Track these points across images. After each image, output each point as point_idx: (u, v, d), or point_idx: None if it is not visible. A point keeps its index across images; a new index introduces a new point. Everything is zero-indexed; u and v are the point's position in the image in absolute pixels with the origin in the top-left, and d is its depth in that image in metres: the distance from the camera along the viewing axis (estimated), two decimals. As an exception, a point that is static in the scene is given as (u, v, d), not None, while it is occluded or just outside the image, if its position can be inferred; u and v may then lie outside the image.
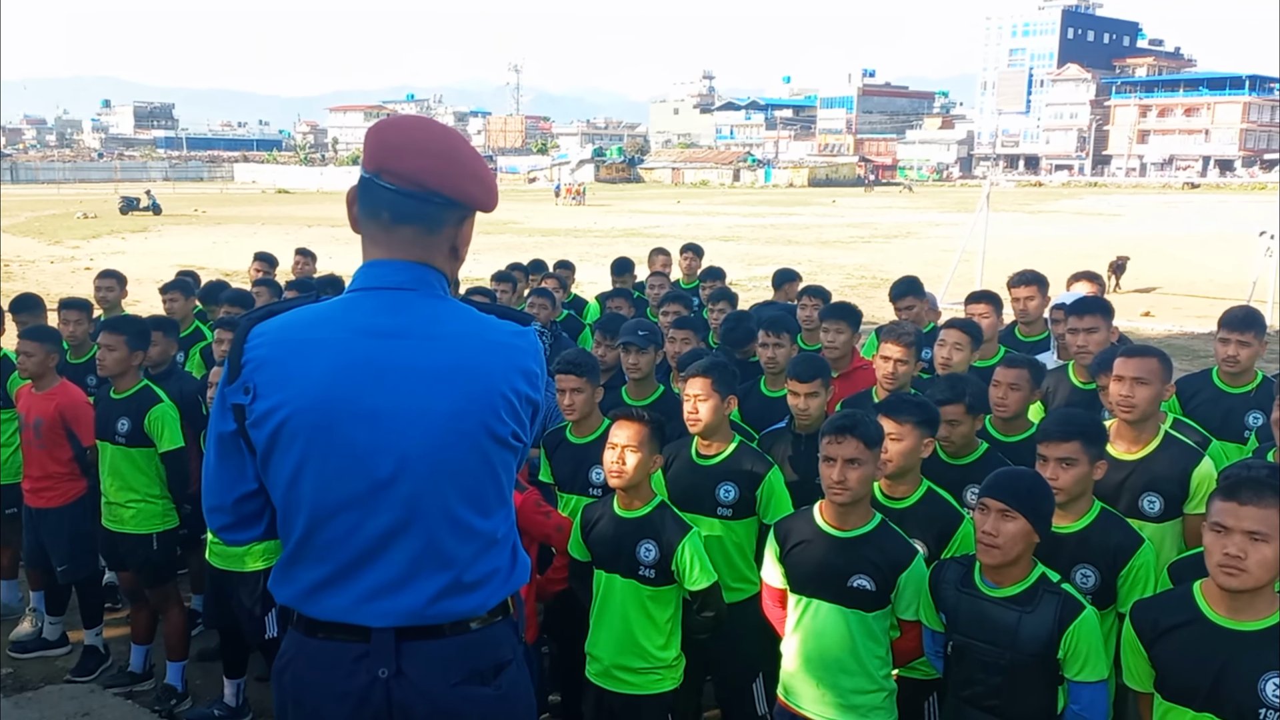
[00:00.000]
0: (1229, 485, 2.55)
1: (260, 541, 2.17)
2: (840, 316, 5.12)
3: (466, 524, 1.98)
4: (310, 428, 1.91)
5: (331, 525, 1.96)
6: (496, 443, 1.98)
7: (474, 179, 1.97)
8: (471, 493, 1.98)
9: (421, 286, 1.97)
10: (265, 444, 1.95)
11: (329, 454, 1.92)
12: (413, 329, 1.94)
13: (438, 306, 1.98)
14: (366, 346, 1.92)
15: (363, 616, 1.97)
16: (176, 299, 6.51)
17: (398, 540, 1.94)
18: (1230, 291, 16.80)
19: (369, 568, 1.95)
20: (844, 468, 3.09)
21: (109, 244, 28.34)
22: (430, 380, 1.92)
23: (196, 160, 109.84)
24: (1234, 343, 4.33)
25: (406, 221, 1.94)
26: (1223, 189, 77.31)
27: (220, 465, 2.03)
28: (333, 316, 1.98)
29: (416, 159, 1.91)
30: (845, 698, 3.15)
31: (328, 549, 1.97)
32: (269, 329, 1.97)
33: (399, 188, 1.92)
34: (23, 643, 5.27)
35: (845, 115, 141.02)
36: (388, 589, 1.95)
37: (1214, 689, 2.50)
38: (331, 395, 1.91)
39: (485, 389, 1.95)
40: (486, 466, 1.99)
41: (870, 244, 30.20)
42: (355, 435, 1.90)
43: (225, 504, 2.06)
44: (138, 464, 4.65)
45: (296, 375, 1.92)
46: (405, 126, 1.98)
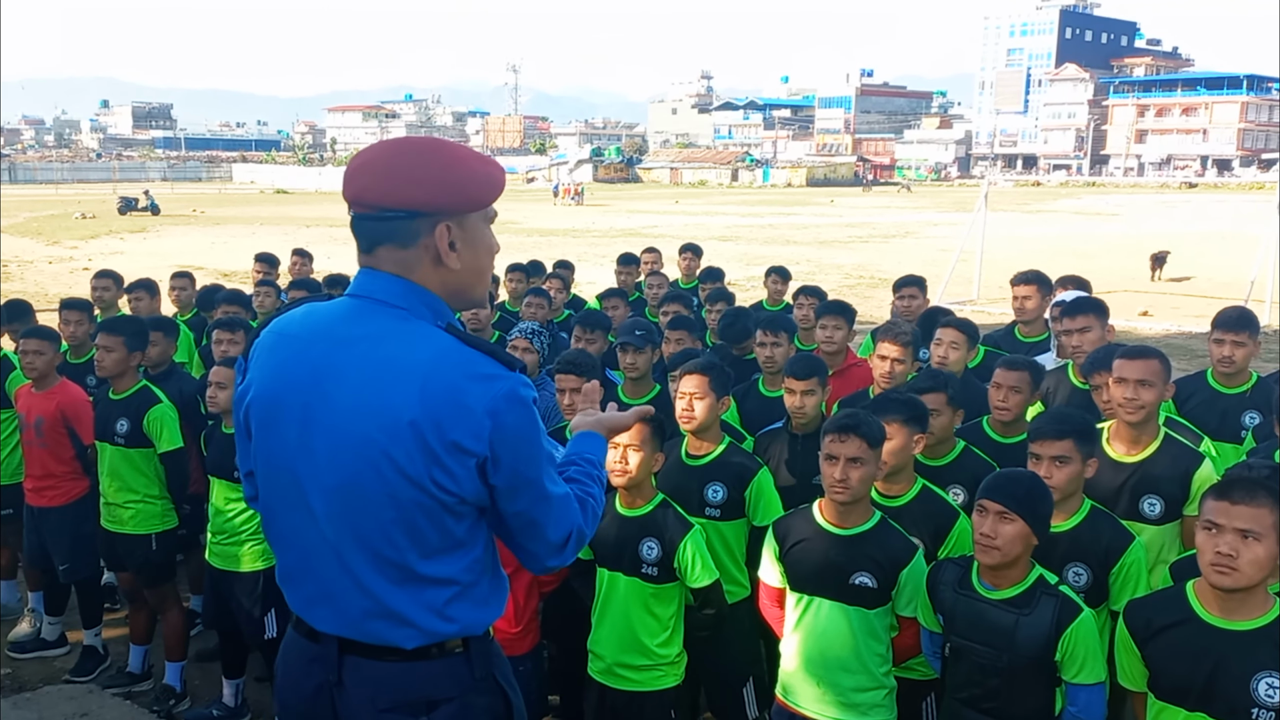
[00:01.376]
0: (1221, 484, 2.57)
1: None
2: (837, 313, 5.16)
3: (382, 555, 1.89)
4: (259, 421, 1.97)
5: (277, 521, 2.02)
6: (405, 479, 1.84)
7: (420, 182, 1.87)
8: (378, 522, 1.87)
9: (393, 300, 1.91)
10: (244, 427, 2.04)
11: (270, 451, 1.97)
12: (360, 342, 1.89)
13: (399, 326, 1.90)
14: (317, 350, 1.93)
15: (312, 617, 2.01)
16: (141, 299, 6.51)
17: (324, 550, 1.93)
18: (1228, 291, 16.82)
19: (307, 571, 1.98)
20: (846, 466, 3.10)
21: (107, 244, 28.31)
22: (352, 396, 1.86)
23: (195, 160, 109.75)
24: (1229, 343, 4.34)
25: (379, 242, 1.92)
26: (1221, 188, 77.37)
27: (239, 438, 2.11)
28: (311, 317, 2.00)
29: (359, 179, 1.91)
30: (846, 696, 3.16)
31: (279, 543, 2.04)
32: (277, 319, 2.05)
33: (360, 214, 1.92)
34: (21, 643, 5.27)
35: (843, 115, 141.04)
36: (323, 597, 1.96)
37: (1207, 688, 2.51)
38: (275, 392, 1.95)
39: (398, 426, 1.82)
40: (393, 500, 1.85)
41: (868, 244, 30.20)
42: (287, 436, 1.92)
43: (243, 475, 2.16)
44: (137, 465, 4.65)
45: (260, 368, 1.99)
46: (364, 154, 1.96)
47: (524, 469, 1.91)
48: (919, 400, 3.58)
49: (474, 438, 1.84)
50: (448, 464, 1.84)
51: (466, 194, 1.92)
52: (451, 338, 1.90)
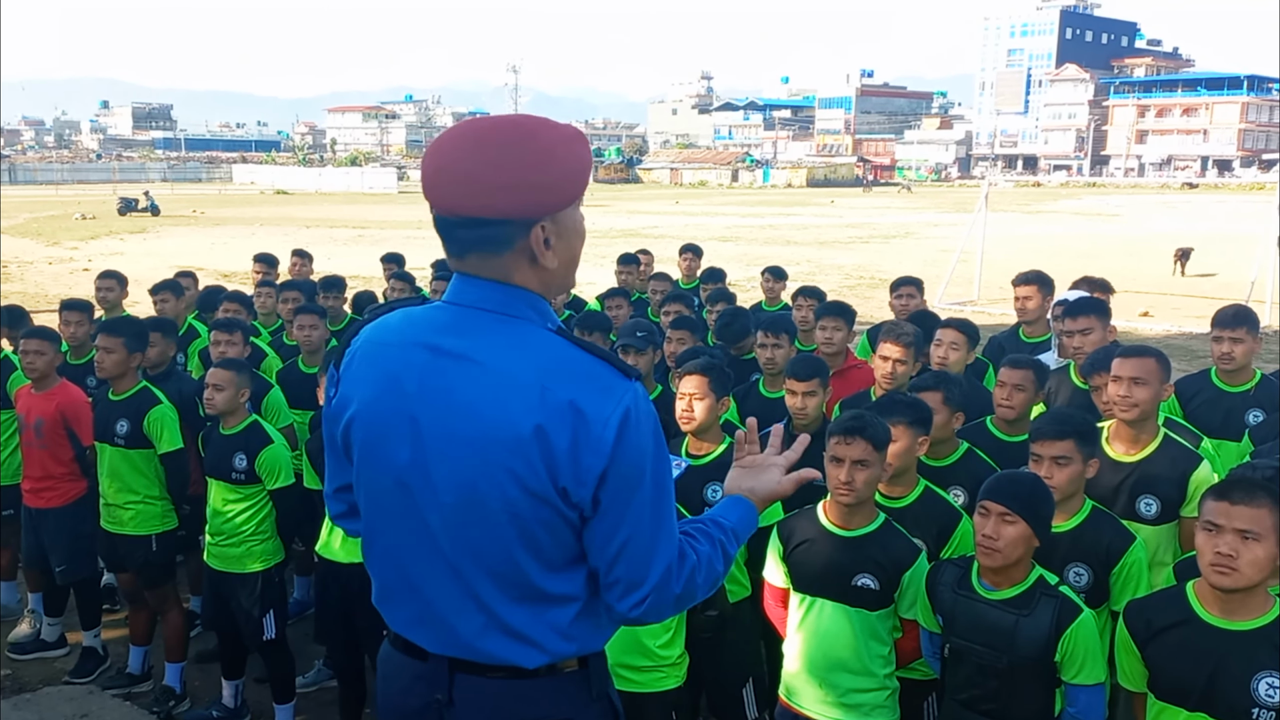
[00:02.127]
0: (1221, 485, 2.57)
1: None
2: (837, 314, 5.16)
3: (502, 573, 1.81)
4: (364, 437, 1.87)
5: (381, 539, 1.92)
6: (528, 494, 1.75)
7: (513, 188, 1.72)
8: (499, 540, 1.79)
9: (498, 307, 1.81)
10: (342, 443, 1.95)
11: (377, 467, 1.86)
12: (467, 352, 1.79)
13: (511, 334, 1.80)
14: (422, 362, 1.81)
15: (417, 637, 1.91)
16: (167, 300, 6.50)
17: (437, 567, 1.84)
18: (1229, 291, 16.81)
19: (413, 590, 1.88)
20: (852, 469, 3.09)
21: (107, 245, 28.32)
22: (467, 411, 1.76)
23: (195, 161, 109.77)
24: (1227, 340, 4.36)
25: (470, 250, 1.80)
26: (1221, 189, 77.32)
27: (328, 451, 2.04)
28: (410, 325, 1.88)
29: (446, 190, 1.76)
30: (848, 697, 3.16)
31: (382, 561, 1.93)
32: (369, 326, 1.95)
33: (447, 219, 1.78)
34: (21, 644, 5.27)
35: (843, 115, 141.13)
36: (433, 616, 1.87)
37: (1207, 689, 2.50)
38: (383, 408, 1.84)
39: (520, 441, 1.73)
40: (514, 517, 1.77)
41: (868, 244, 30.21)
42: (398, 453, 1.82)
43: (330, 491, 2.08)
44: (137, 465, 4.65)
45: (362, 381, 1.88)
46: (438, 153, 1.78)
47: (637, 486, 1.78)
48: (923, 402, 3.58)
49: (595, 451, 1.73)
50: (570, 476, 1.74)
51: (559, 192, 1.78)
52: (564, 341, 1.81)
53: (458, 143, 1.78)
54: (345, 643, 4.33)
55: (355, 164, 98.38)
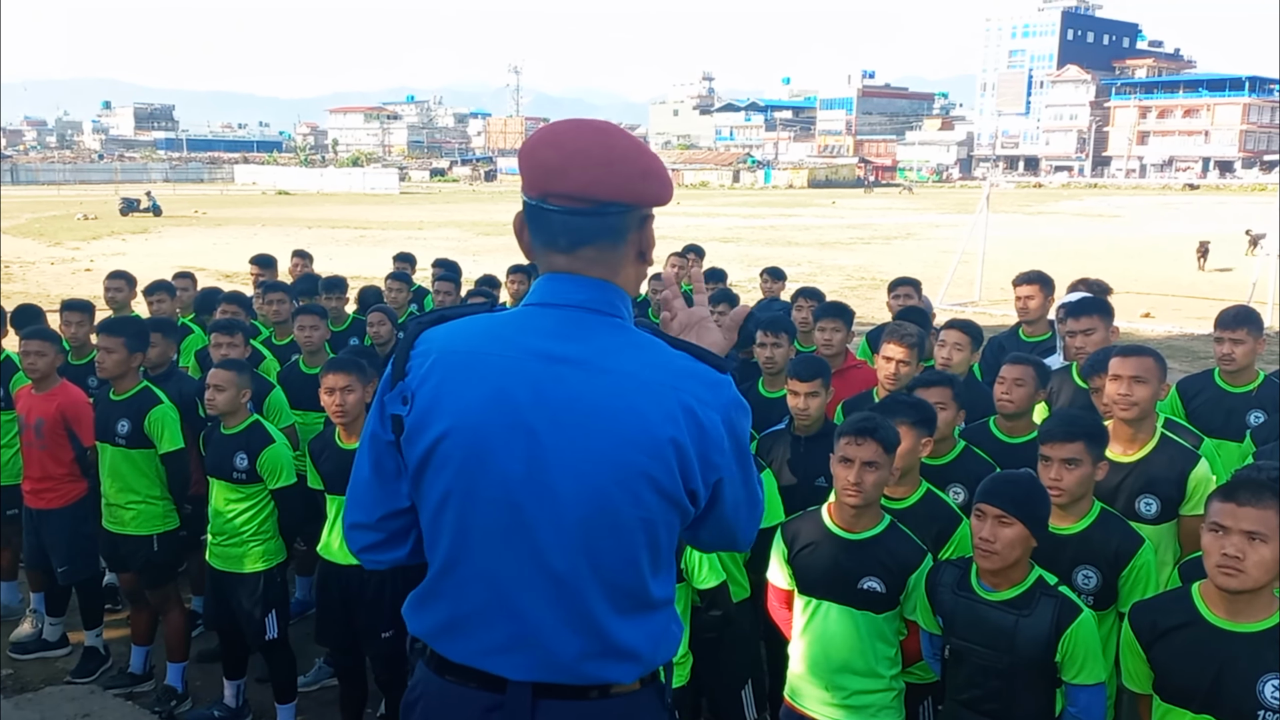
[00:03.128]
0: (1227, 486, 2.56)
1: (406, 563, 1.95)
2: (835, 315, 5.15)
3: (617, 583, 1.77)
4: (464, 453, 1.74)
5: (472, 560, 1.78)
6: (663, 499, 1.75)
7: (645, 176, 1.76)
8: (629, 550, 1.76)
9: (605, 308, 1.78)
10: (417, 463, 1.79)
11: (479, 484, 1.74)
12: (587, 358, 1.74)
13: (619, 335, 1.78)
14: (535, 370, 1.73)
15: (498, 665, 1.78)
16: (163, 300, 6.50)
17: (542, 587, 1.75)
18: (1230, 293, 16.82)
19: (510, 613, 1.77)
20: (861, 470, 3.09)
21: (109, 245, 28.33)
22: (597, 418, 1.72)
23: (197, 162, 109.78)
24: (1228, 341, 4.36)
25: (587, 241, 1.76)
26: (1222, 190, 77.35)
27: (373, 477, 1.87)
28: (506, 331, 1.79)
29: (582, 174, 1.72)
30: (854, 699, 3.15)
31: (467, 585, 1.80)
32: (438, 336, 1.81)
33: (571, 208, 1.74)
34: (23, 644, 5.27)
35: (845, 116, 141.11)
36: (529, 639, 1.77)
37: (1212, 690, 2.50)
38: (490, 421, 1.73)
39: (654, 440, 1.71)
40: (645, 523, 1.75)
41: (870, 245, 30.20)
42: (509, 468, 1.73)
43: (371, 520, 1.89)
44: (138, 465, 4.65)
45: (458, 393, 1.75)
46: (561, 141, 1.75)
47: (744, 473, 1.86)
48: (927, 403, 3.58)
49: (719, 448, 1.78)
50: (699, 477, 1.77)
51: (668, 187, 1.82)
52: (663, 341, 1.81)
53: (580, 130, 1.77)
54: (347, 643, 4.33)
55: (357, 165, 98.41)
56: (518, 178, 1.85)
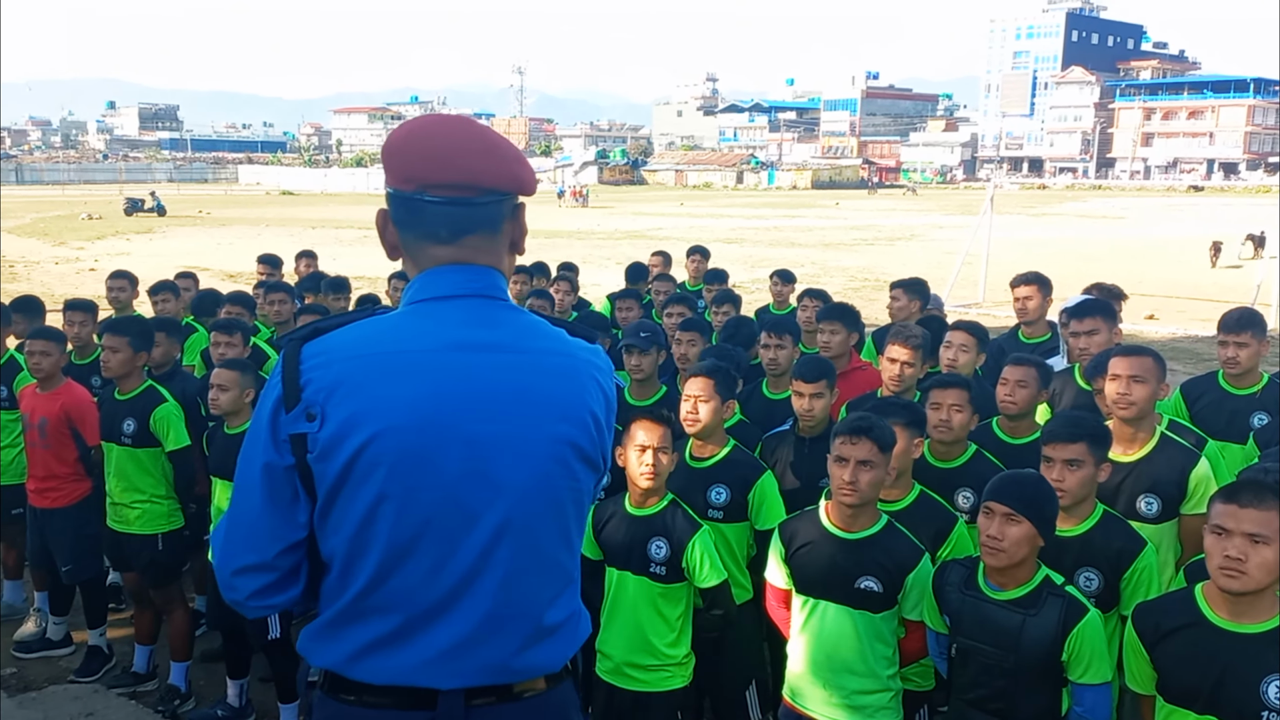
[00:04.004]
0: (1230, 488, 2.56)
1: (295, 607, 1.83)
2: (836, 317, 5.12)
3: (555, 560, 1.80)
4: (396, 455, 1.68)
5: (406, 569, 1.71)
6: (589, 467, 1.82)
7: (520, 163, 1.80)
8: (563, 525, 1.80)
9: (502, 295, 1.80)
10: (335, 478, 1.69)
11: (415, 485, 1.68)
12: (505, 342, 1.75)
13: (522, 318, 1.81)
14: (461, 362, 1.72)
15: (430, 677, 1.72)
16: (167, 300, 6.51)
17: (480, 583, 1.72)
18: (1234, 294, 16.79)
19: (443, 618, 1.72)
20: (856, 469, 3.09)
21: (114, 245, 28.39)
22: (528, 399, 1.74)
23: (201, 162, 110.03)
24: (1232, 344, 4.35)
25: (470, 230, 1.76)
26: (1227, 192, 77.24)
27: (269, 509, 1.73)
28: (413, 329, 1.75)
29: (465, 162, 1.72)
30: (853, 699, 3.16)
31: (396, 598, 1.72)
32: (328, 346, 1.73)
33: (452, 198, 1.73)
34: (27, 643, 5.28)
35: (849, 117, 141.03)
36: (464, 643, 1.73)
37: (1215, 691, 2.50)
38: (423, 417, 1.68)
39: (580, 412, 1.78)
40: (575, 494, 1.81)
41: (873, 246, 30.19)
42: (448, 463, 1.69)
43: (267, 558, 1.74)
44: (143, 464, 4.66)
45: (379, 396, 1.68)
46: (436, 134, 1.75)
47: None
48: (917, 405, 3.59)
49: (612, 410, 1.89)
50: (610, 440, 1.89)
51: (534, 174, 1.86)
52: (546, 320, 1.88)
53: (456, 122, 1.79)
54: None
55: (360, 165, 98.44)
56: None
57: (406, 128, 1.79)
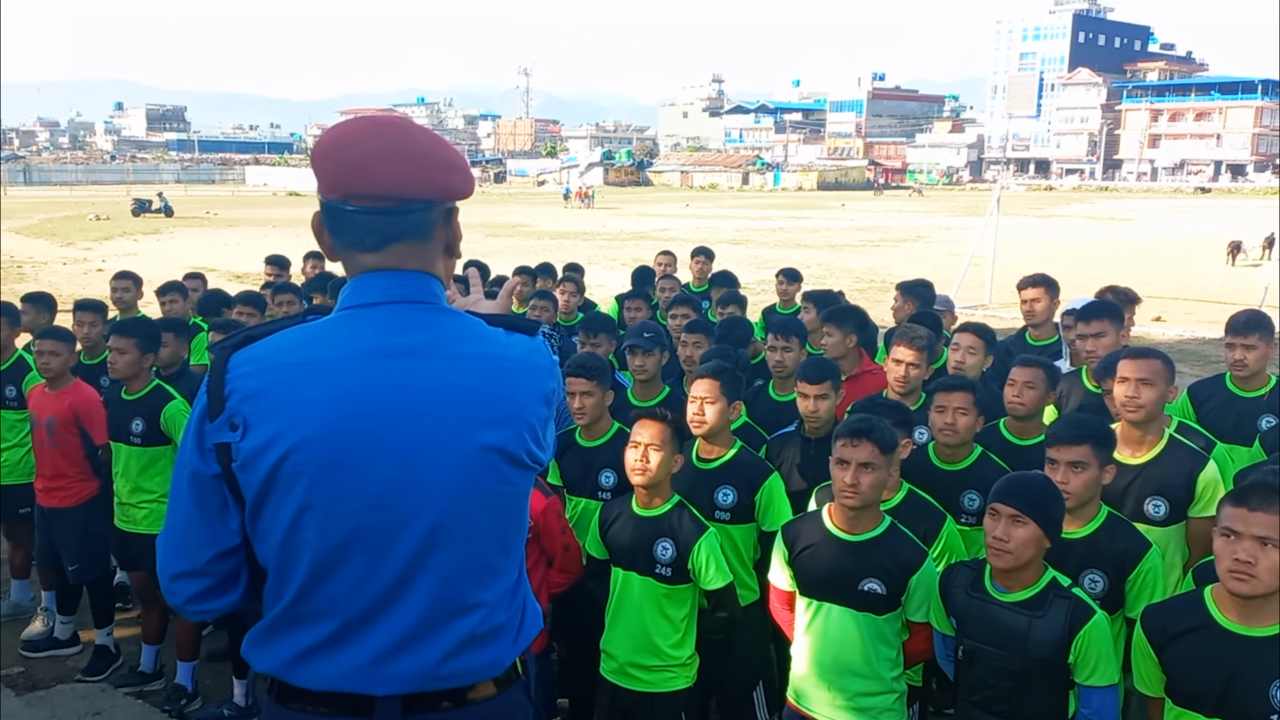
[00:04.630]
0: (1239, 491, 2.55)
1: (235, 609, 1.86)
2: (831, 319, 5.09)
3: (489, 564, 1.78)
4: (317, 464, 1.67)
5: (337, 576, 1.71)
6: (521, 470, 1.79)
7: (448, 170, 1.76)
8: (497, 529, 1.78)
9: (429, 298, 1.78)
10: (259, 487, 1.69)
11: (339, 493, 1.68)
12: (430, 347, 1.73)
13: (451, 321, 1.79)
14: (381, 368, 1.70)
15: (365, 684, 1.72)
16: (175, 300, 6.53)
17: (413, 588, 1.72)
18: (1242, 296, 16.75)
19: (376, 623, 1.72)
20: (857, 471, 3.09)
21: (121, 246, 28.46)
22: (455, 404, 1.71)
23: (208, 163, 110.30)
24: (1239, 347, 4.33)
25: (395, 239, 1.74)
26: (1234, 194, 77.04)
27: (198, 517, 1.75)
28: (335, 336, 1.74)
29: (383, 172, 1.69)
30: (857, 700, 3.16)
31: (330, 604, 1.72)
32: (255, 355, 1.72)
33: (373, 208, 1.71)
34: (34, 642, 5.29)
35: (854, 119, 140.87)
36: (397, 648, 1.72)
37: (1224, 694, 2.50)
38: (343, 426, 1.67)
39: (511, 415, 1.76)
40: (511, 497, 1.80)
41: (879, 247, 30.16)
42: (372, 470, 1.68)
43: (199, 565, 1.76)
44: (152, 464, 4.67)
45: (299, 405, 1.67)
46: (358, 140, 1.71)
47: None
48: (904, 405, 3.59)
49: (550, 404, 1.86)
50: (544, 441, 1.85)
51: (470, 179, 1.83)
52: (477, 319, 1.84)
53: (380, 129, 1.74)
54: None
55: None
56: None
57: (331, 134, 1.76)
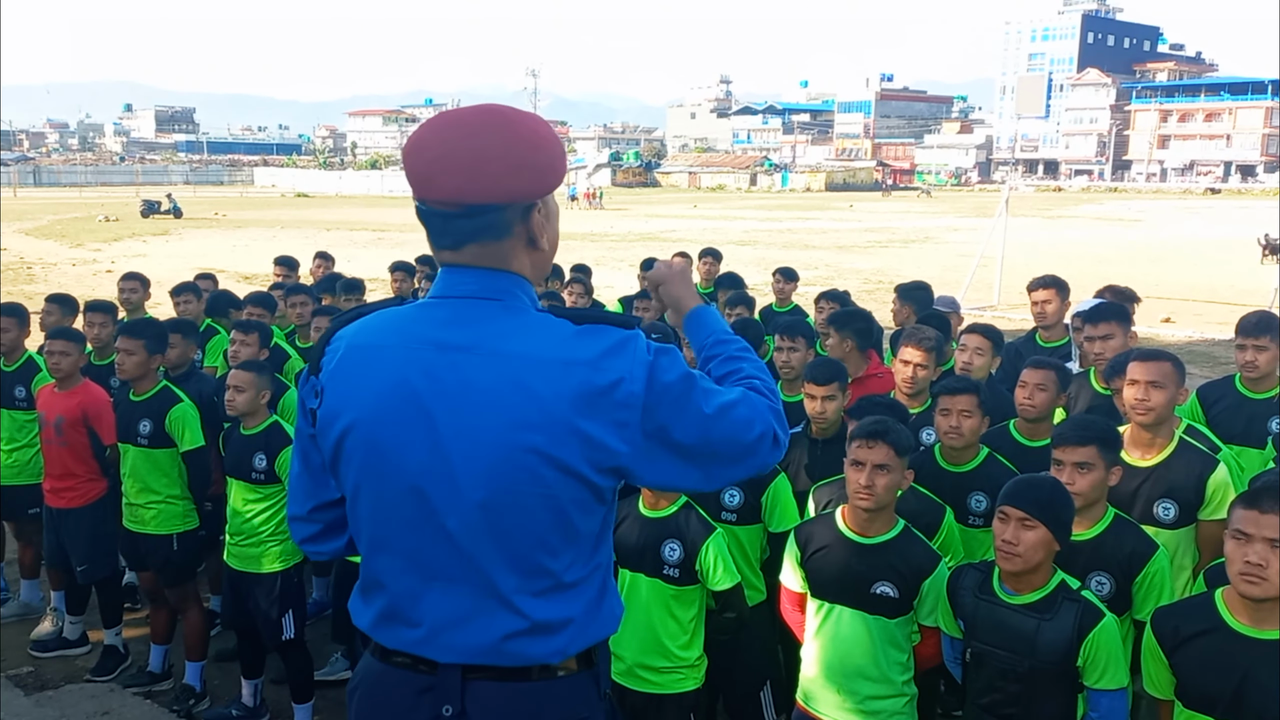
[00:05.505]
0: (1250, 493, 2.54)
1: (345, 555, 2.03)
2: (833, 322, 5.06)
3: (536, 563, 1.80)
4: (365, 446, 1.79)
5: (389, 552, 1.84)
6: (565, 474, 1.76)
7: (516, 173, 1.76)
8: (539, 529, 1.78)
9: (501, 296, 1.81)
10: (330, 455, 1.86)
11: (383, 477, 1.79)
12: (481, 343, 1.77)
13: (512, 319, 1.80)
14: (428, 359, 1.77)
15: (430, 650, 1.84)
16: (189, 301, 6.55)
17: (458, 571, 1.79)
18: (1252, 298, 16.68)
19: (432, 600, 1.82)
20: (872, 473, 3.08)
21: (130, 247, 28.53)
22: (490, 401, 1.73)
23: (217, 164, 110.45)
24: (1250, 348, 4.31)
25: (469, 240, 1.79)
26: (1244, 194, 76.76)
27: (303, 470, 1.95)
28: (403, 324, 1.83)
29: (447, 180, 1.74)
30: (867, 704, 3.15)
31: (388, 577, 1.86)
32: (349, 331, 1.87)
33: (445, 212, 1.77)
34: (43, 642, 5.31)
35: (863, 119, 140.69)
36: (454, 623, 1.81)
37: (1235, 697, 2.48)
38: (389, 411, 1.77)
39: (550, 419, 1.73)
40: (548, 500, 1.77)
41: (887, 249, 30.11)
42: (410, 456, 1.76)
43: (303, 512, 1.98)
44: (159, 465, 4.68)
45: (359, 386, 1.80)
46: (426, 145, 1.76)
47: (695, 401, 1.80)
48: (900, 404, 3.58)
49: (629, 405, 1.75)
50: (616, 441, 1.76)
51: (554, 174, 1.82)
52: (558, 318, 1.82)
53: (449, 132, 1.77)
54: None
55: (375, 167, 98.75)
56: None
57: (414, 137, 1.81)
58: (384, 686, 1.90)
